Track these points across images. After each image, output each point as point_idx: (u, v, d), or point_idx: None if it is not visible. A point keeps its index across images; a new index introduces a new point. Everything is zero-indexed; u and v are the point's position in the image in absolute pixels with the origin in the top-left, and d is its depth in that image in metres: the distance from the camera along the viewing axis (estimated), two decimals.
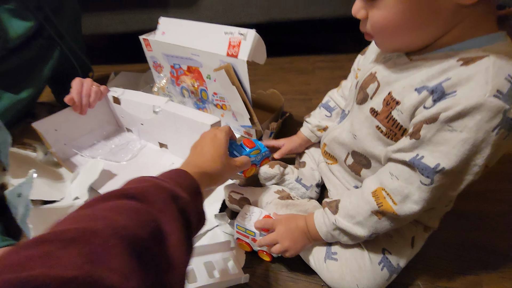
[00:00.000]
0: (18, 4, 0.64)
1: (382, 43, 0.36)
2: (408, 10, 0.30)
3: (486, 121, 0.27)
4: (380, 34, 0.34)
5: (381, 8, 0.31)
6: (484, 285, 0.42)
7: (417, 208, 0.32)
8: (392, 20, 0.31)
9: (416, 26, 0.31)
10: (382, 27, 0.32)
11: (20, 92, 0.69)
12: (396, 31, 0.32)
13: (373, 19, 0.33)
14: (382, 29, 0.33)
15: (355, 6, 0.34)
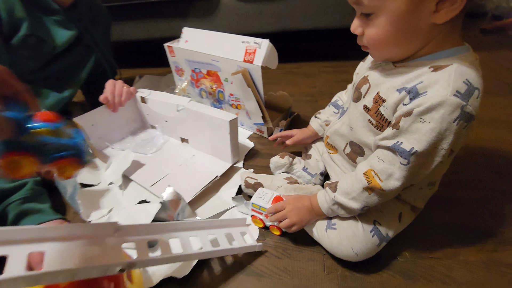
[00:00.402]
0: (63, 16, 0.74)
1: (375, 54, 0.44)
2: (395, 30, 0.37)
3: (448, 114, 0.35)
4: (373, 46, 0.42)
5: (374, 27, 0.39)
6: (461, 256, 0.49)
7: (398, 184, 0.40)
8: (383, 37, 0.39)
9: (401, 41, 0.39)
10: (375, 42, 0.40)
11: (63, 92, 0.79)
12: (385, 45, 0.40)
13: (368, 35, 0.40)
14: (375, 43, 0.41)
15: (354, 24, 0.42)
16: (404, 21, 0.36)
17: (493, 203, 0.58)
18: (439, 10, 0.34)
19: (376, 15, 0.37)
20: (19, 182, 0.55)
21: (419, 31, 0.37)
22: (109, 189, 0.70)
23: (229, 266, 0.51)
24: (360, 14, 0.40)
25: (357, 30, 0.42)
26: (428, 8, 0.34)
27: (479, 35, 1.42)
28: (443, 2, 0.33)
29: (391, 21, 0.37)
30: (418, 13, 0.35)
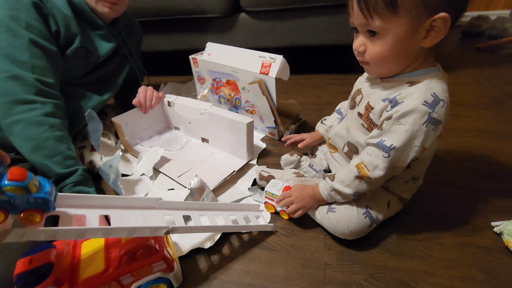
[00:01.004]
0: (106, 30, 0.87)
1: (374, 69, 0.53)
2: (394, 49, 0.46)
3: (419, 118, 0.46)
4: (375, 62, 0.50)
5: (378, 45, 0.47)
6: (439, 239, 0.59)
7: (382, 173, 0.50)
8: (384, 54, 0.48)
9: (397, 60, 0.48)
10: (378, 58, 0.49)
11: (103, 95, 0.92)
12: (385, 62, 0.49)
13: (372, 52, 0.48)
14: (377, 59, 0.49)
15: (358, 42, 0.49)
16: (402, 43, 0.45)
17: (469, 199, 0.68)
18: (427, 36, 0.44)
19: (380, 35, 0.45)
20: (72, 169, 0.67)
21: (411, 52, 0.47)
22: (141, 179, 0.82)
23: (245, 242, 0.62)
24: (365, 32, 0.47)
25: (361, 47, 0.49)
26: (420, 34, 0.44)
27: (474, 53, 1.53)
28: (431, 31, 0.44)
29: (393, 42, 0.45)
30: (413, 38, 0.45)
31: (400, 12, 0.42)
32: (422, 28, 0.43)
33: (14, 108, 0.64)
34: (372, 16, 0.44)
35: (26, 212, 0.34)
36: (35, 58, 0.68)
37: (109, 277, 0.45)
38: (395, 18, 0.43)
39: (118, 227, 0.44)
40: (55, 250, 0.46)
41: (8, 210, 0.33)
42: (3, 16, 0.65)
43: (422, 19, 0.42)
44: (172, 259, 0.52)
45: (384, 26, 0.44)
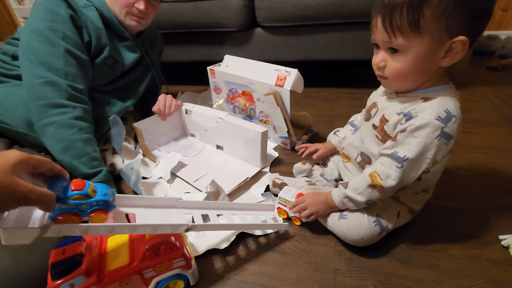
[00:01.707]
0: (132, 42, 0.93)
1: (392, 84, 0.55)
2: (415, 66, 0.49)
3: (432, 132, 0.49)
4: (394, 78, 0.53)
5: (399, 62, 0.49)
6: (448, 250, 0.60)
7: (394, 183, 0.52)
8: (405, 71, 0.50)
9: (416, 76, 0.51)
10: (398, 74, 0.51)
11: (126, 101, 0.97)
12: (404, 77, 0.52)
13: (392, 67, 0.50)
14: (397, 75, 0.51)
15: (378, 57, 0.51)
16: (422, 61, 0.48)
17: (479, 213, 0.69)
18: (446, 56, 0.47)
19: (402, 52, 0.48)
20: (97, 169, 0.71)
21: (429, 70, 0.50)
22: (159, 182, 0.86)
23: (259, 245, 0.65)
24: (386, 49, 0.50)
25: (381, 63, 0.51)
26: (440, 54, 0.47)
27: (485, 72, 1.55)
28: (450, 52, 0.47)
29: (413, 59, 0.48)
30: (433, 57, 0.47)
31: (423, 32, 0.45)
32: (442, 49, 0.46)
33: (48, 111, 0.69)
34: (395, 34, 0.47)
35: (93, 213, 0.42)
36: (69, 66, 0.73)
37: (133, 269, 0.48)
38: (418, 38, 0.46)
39: (143, 224, 0.48)
40: (85, 242, 0.49)
41: (80, 214, 0.41)
42: (43, 27, 0.72)
43: (443, 40, 0.46)
44: (190, 257, 0.55)
45: (406, 44, 0.47)
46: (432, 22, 0.44)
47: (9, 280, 0.47)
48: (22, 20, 2.54)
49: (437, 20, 0.44)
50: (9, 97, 0.74)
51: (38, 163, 0.39)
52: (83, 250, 0.48)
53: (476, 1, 0.43)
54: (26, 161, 0.37)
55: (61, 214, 0.40)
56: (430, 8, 0.44)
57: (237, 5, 1.25)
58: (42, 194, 0.36)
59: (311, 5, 1.19)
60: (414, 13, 0.44)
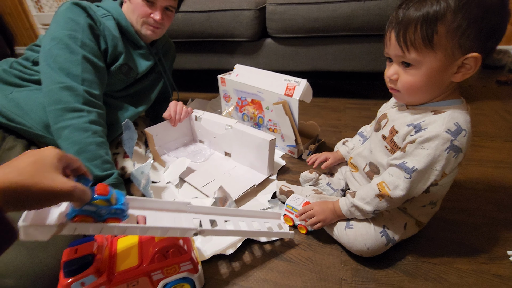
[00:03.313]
0: (146, 50, 0.97)
1: (404, 97, 0.55)
2: (427, 81, 0.50)
3: (441, 144, 0.49)
4: (407, 91, 0.53)
5: (411, 76, 0.50)
6: (456, 264, 0.60)
7: (402, 193, 0.53)
8: (417, 84, 0.51)
9: (428, 90, 0.52)
10: (410, 87, 0.52)
11: (138, 107, 1.00)
12: (416, 91, 0.53)
13: (405, 81, 0.51)
14: (409, 88, 0.52)
15: (391, 71, 0.53)
16: (435, 75, 0.49)
17: (487, 228, 0.68)
18: (458, 72, 0.48)
19: (414, 66, 0.49)
20: (108, 172, 0.73)
21: (441, 85, 0.51)
22: (168, 187, 0.87)
23: (265, 252, 0.65)
24: (399, 63, 0.51)
25: (394, 76, 0.53)
26: (452, 69, 0.48)
27: (494, 86, 1.55)
28: (462, 67, 0.48)
29: (425, 74, 0.49)
30: (445, 72, 0.48)
31: (436, 48, 0.47)
32: (455, 64, 0.47)
33: (65, 115, 0.71)
34: (409, 49, 0.48)
35: (108, 220, 0.44)
36: (86, 72, 0.77)
37: (142, 271, 0.50)
38: (431, 53, 0.47)
39: (154, 226, 0.49)
40: (96, 243, 0.51)
41: (96, 218, 0.43)
42: (63, 36, 0.75)
43: (456, 57, 0.47)
44: (197, 261, 0.56)
45: (419, 59, 0.48)
46: (446, 38, 0.45)
47: (24, 277, 0.48)
48: (41, 26, 2.63)
49: (451, 37, 0.45)
50: (28, 100, 0.77)
51: (71, 160, 0.41)
52: (94, 250, 0.49)
53: (490, 21, 0.44)
54: (63, 157, 0.38)
55: (78, 215, 0.41)
56: (444, 25, 0.45)
57: (249, 16, 1.28)
58: (83, 191, 0.38)
59: (320, 18, 1.21)
60: (428, 29, 0.46)
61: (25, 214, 0.38)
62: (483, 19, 0.44)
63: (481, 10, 0.43)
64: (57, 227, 0.39)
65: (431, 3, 0.45)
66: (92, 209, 0.42)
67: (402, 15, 0.48)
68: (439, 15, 0.45)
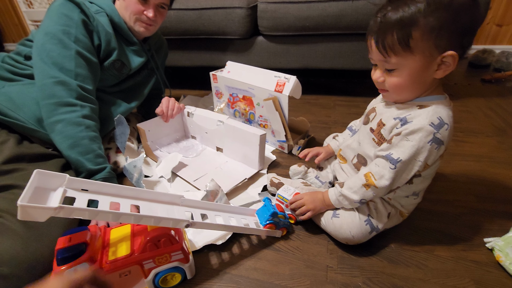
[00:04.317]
0: (139, 46, 0.97)
1: (392, 96, 0.58)
2: (411, 80, 0.53)
3: (425, 137, 0.52)
4: (394, 91, 0.57)
5: (396, 77, 0.53)
6: (436, 251, 0.63)
7: (387, 183, 0.56)
8: (402, 84, 0.54)
9: (413, 88, 0.55)
10: (396, 88, 0.54)
11: (131, 103, 1.00)
12: (403, 90, 0.56)
13: (391, 83, 0.54)
14: (396, 89, 0.55)
15: (377, 74, 0.56)
16: (418, 75, 0.52)
17: (467, 218, 0.72)
18: (439, 69, 0.51)
19: (398, 70, 0.52)
20: (101, 166, 0.74)
21: (425, 82, 0.54)
22: (160, 181, 0.89)
23: (254, 243, 0.67)
24: (383, 67, 0.54)
25: (380, 79, 0.56)
26: (433, 68, 0.51)
27: (479, 84, 1.60)
28: (442, 65, 0.50)
29: (409, 74, 0.52)
30: (427, 71, 0.51)
31: (414, 51, 0.50)
32: (434, 63, 0.50)
33: (58, 109, 0.72)
34: (389, 54, 0.51)
35: (281, 229, 0.68)
36: (79, 67, 0.77)
37: (134, 259, 0.51)
38: (410, 56, 0.50)
39: (148, 215, 0.50)
40: (90, 232, 0.52)
41: (276, 226, 0.66)
42: (57, 31, 0.76)
43: (434, 56, 0.50)
44: (188, 252, 0.58)
45: (400, 62, 0.52)
46: (422, 41, 0.48)
47: (19, 265, 0.49)
48: (31, 23, 2.60)
49: (426, 39, 0.48)
50: (21, 95, 0.78)
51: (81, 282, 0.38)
52: (88, 239, 0.50)
53: (461, 20, 0.47)
54: None
55: (269, 224, 0.65)
56: (418, 30, 0.48)
57: (240, 14, 1.30)
58: None
59: (311, 16, 1.24)
60: (404, 34, 0.49)
61: (24, 193, 0.39)
62: (454, 20, 0.47)
63: (451, 12, 0.46)
64: (54, 209, 0.40)
65: (403, 10, 0.48)
66: (277, 220, 0.65)
67: (379, 23, 0.51)
68: (412, 20, 0.48)
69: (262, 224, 0.65)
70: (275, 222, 0.65)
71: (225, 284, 0.58)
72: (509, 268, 0.57)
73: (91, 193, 0.50)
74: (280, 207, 0.69)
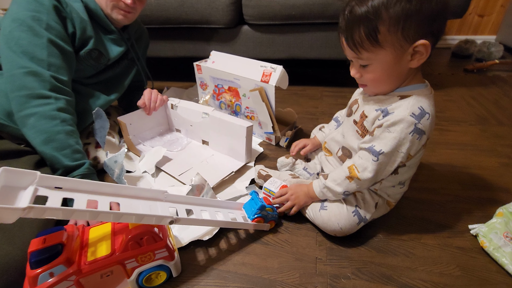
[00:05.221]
0: (117, 35, 0.92)
1: (371, 90, 0.59)
2: (386, 73, 0.52)
3: (406, 128, 0.51)
4: (371, 85, 0.56)
5: (371, 73, 0.53)
6: (422, 239, 0.63)
7: (370, 175, 0.55)
8: (378, 78, 0.54)
9: (390, 81, 0.54)
10: (373, 82, 0.55)
11: (110, 95, 0.96)
12: (380, 84, 0.55)
13: (367, 78, 0.54)
14: (373, 83, 0.55)
15: (353, 70, 0.56)
16: (392, 68, 0.51)
17: (451, 205, 0.73)
18: (413, 59, 0.50)
19: (371, 65, 0.52)
20: (79, 162, 0.70)
21: (401, 73, 0.53)
22: (143, 176, 0.85)
23: (242, 237, 0.66)
24: (358, 63, 0.54)
25: (357, 75, 0.56)
26: (406, 58, 0.50)
27: (462, 74, 1.62)
28: (415, 54, 0.49)
29: (383, 68, 0.52)
30: (400, 62, 0.51)
31: (383, 45, 0.49)
32: (407, 54, 0.50)
33: (30, 102, 0.67)
34: (359, 50, 0.51)
35: (269, 222, 0.66)
36: (52, 57, 0.72)
37: (115, 259, 0.49)
38: (381, 50, 0.49)
39: (128, 212, 0.48)
40: (66, 232, 0.49)
41: (264, 220, 0.65)
42: (26, 17, 0.70)
43: (405, 48, 0.49)
44: (173, 249, 0.55)
45: (371, 57, 0.51)
46: (389, 35, 0.48)
47: None
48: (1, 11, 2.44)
49: (394, 32, 0.47)
50: None
51: None
52: (64, 240, 0.47)
53: (427, 9, 0.46)
54: None
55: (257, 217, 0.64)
56: (383, 24, 0.47)
57: (224, 2, 1.26)
58: None
59: (297, 5, 1.21)
60: (370, 30, 0.48)
61: None
62: (419, 9, 0.45)
63: (414, 1, 0.45)
64: (23, 210, 0.37)
65: (366, 4, 0.47)
66: (265, 213, 0.64)
67: (346, 20, 0.50)
68: (376, 14, 0.46)
69: (250, 218, 0.64)
70: (263, 215, 0.64)
71: (213, 280, 0.57)
72: (493, 254, 0.58)
73: (66, 191, 0.46)
74: (267, 200, 0.68)
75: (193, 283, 0.56)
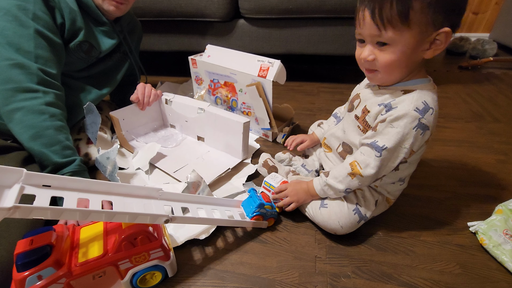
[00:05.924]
0: (109, 27, 0.89)
1: (380, 77, 0.53)
2: (404, 57, 0.48)
3: (410, 123, 0.50)
4: (385, 70, 0.51)
5: (389, 53, 0.49)
6: (422, 237, 0.63)
7: (373, 171, 0.54)
8: (395, 62, 0.49)
9: (403, 68, 0.51)
10: (388, 65, 0.50)
11: (102, 89, 0.92)
12: (394, 69, 0.51)
13: (382, 60, 0.50)
14: (388, 67, 0.50)
15: (366, 51, 0.51)
16: (410, 52, 0.48)
17: (450, 202, 0.72)
18: (430, 48, 0.48)
19: (391, 45, 0.48)
20: (70, 158, 0.67)
21: (414, 62, 0.51)
22: (137, 173, 0.83)
23: (240, 235, 0.64)
24: (374, 44, 0.50)
25: (370, 57, 0.51)
26: (424, 46, 0.48)
27: (457, 71, 1.63)
28: (433, 44, 0.48)
29: (402, 51, 0.48)
30: (418, 49, 0.48)
31: (411, 25, 0.46)
32: (427, 41, 0.48)
33: (16, 96, 0.64)
34: (385, 27, 0.47)
35: (269, 220, 0.65)
36: (40, 48, 0.69)
37: (107, 260, 0.47)
38: (407, 30, 0.46)
39: (121, 211, 0.45)
40: (55, 233, 0.47)
41: (263, 217, 0.64)
42: (11, 6, 0.67)
43: (429, 33, 0.47)
44: (169, 248, 0.54)
45: (395, 37, 0.47)
46: (421, 14, 0.45)
47: None
48: None
49: (425, 13, 0.45)
50: None
51: None
52: (53, 240, 0.45)
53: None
54: None
55: (256, 215, 0.62)
56: (419, 1, 0.44)
57: None
58: None
59: None
60: (404, 5, 0.45)
61: None
62: None
63: None
64: (8, 210, 0.35)
65: None
66: (263, 211, 0.62)
67: None
68: None
69: (249, 216, 0.62)
70: (262, 213, 0.62)
71: (210, 280, 0.55)
72: (492, 251, 0.58)
73: (55, 189, 0.44)
74: (266, 197, 0.66)
75: (190, 284, 0.55)
